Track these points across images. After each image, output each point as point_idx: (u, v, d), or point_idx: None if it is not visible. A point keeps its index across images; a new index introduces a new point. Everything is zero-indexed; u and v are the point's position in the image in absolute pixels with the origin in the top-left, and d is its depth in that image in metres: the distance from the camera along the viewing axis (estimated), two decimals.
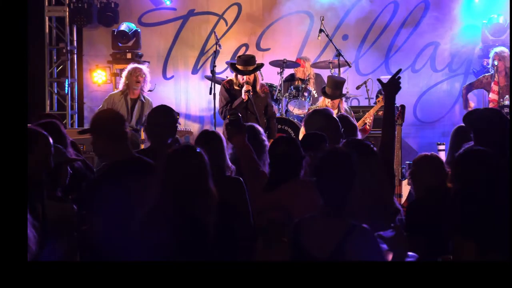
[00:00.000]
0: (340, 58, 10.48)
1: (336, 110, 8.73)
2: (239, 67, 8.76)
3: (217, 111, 9.39)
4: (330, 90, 8.83)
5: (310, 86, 10.54)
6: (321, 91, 9.07)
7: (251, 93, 8.62)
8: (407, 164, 9.38)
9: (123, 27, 11.50)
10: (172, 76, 12.24)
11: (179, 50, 12.22)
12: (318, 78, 11.14)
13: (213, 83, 9.97)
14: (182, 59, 12.23)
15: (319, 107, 8.81)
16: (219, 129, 9.61)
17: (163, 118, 5.41)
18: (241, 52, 11.83)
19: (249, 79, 8.70)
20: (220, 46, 10.65)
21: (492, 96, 9.89)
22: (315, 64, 11.23)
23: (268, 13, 12.08)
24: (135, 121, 9.39)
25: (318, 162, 3.78)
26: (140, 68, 9.46)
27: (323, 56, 11.75)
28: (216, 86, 9.82)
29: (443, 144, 10.03)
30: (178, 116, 5.58)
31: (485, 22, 11.35)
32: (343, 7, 11.82)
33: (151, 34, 12.06)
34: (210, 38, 11.95)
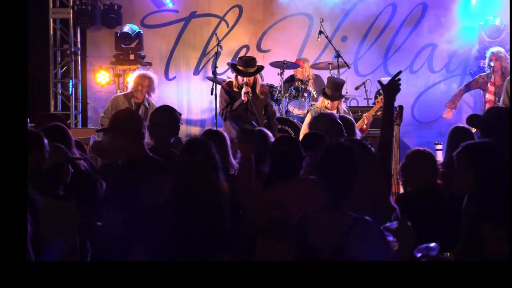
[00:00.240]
0: (339, 59, 10.46)
1: (335, 110, 8.72)
2: (239, 67, 8.75)
3: (218, 112, 9.37)
4: (330, 91, 8.81)
5: (310, 87, 10.53)
6: (321, 92, 9.06)
7: (251, 94, 8.60)
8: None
9: (126, 28, 11.50)
10: (174, 77, 12.24)
11: (181, 51, 12.22)
12: (318, 79, 11.13)
13: (214, 83, 9.98)
14: (184, 60, 12.22)
15: (319, 108, 8.81)
16: (220, 129, 9.65)
17: (166, 118, 5.43)
18: (242, 53, 11.82)
19: (248, 80, 8.68)
20: (221, 48, 10.64)
21: (489, 97, 9.87)
22: (315, 65, 11.22)
23: (269, 15, 12.08)
24: None
25: (322, 156, 3.79)
26: (144, 78, 9.20)
27: (323, 57, 11.74)
28: (218, 86, 9.82)
29: (440, 144, 10.05)
30: (180, 116, 5.59)
31: (481, 24, 11.33)
32: (343, 9, 11.82)
33: (153, 36, 12.06)
34: (212, 40, 11.94)
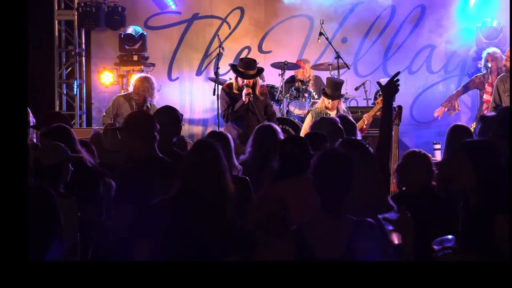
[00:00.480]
0: (339, 60, 10.43)
1: (335, 110, 8.71)
2: (240, 69, 8.72)
3: (220, 112, 9.35)
4: (330, 90, 8.80)
5: (310, 87, 10.51)
6: (321, 92, 9.04)
7: (252, 95, 8.58)
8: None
9: (130, 30, 11.48)
10: (177, 78, 12.23)
11: (184, 53, 12.20)
12: (318, 80, 11.12)
13: (216, 84, 9.96)
14: (187, 61, 12.21)
15: (320, 108, 8.80)
16: (222, 129, 9.63)
17: (168, 118, 5.42)
18: (243, 54, 11.80)
19: (249, 82, 8.65)
20: (223, 49, 10.61)
21: (486, 97, 9.84)
22: (315, 66, 11.20)
23: (270, 16, 12.07)
24: None
25: (317, 163, 3.73)
26: (143, 82, 9.19)
27: (323, 58, 11.72)
28: (220, 87, 9.80)
29: (438, 144, 10.04)
30: (182, 117, 5.59)
31: (479, 25, 11.34)
32: (343, 11, 11.81)
33: (156, 37, 12.04)
34: (214, 41, 11.94)
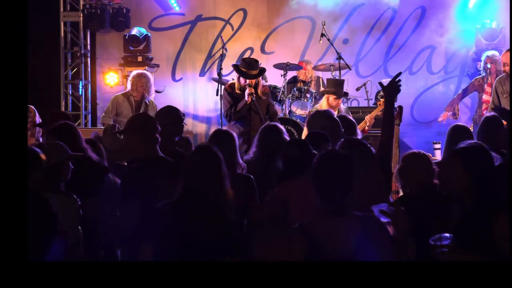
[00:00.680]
0: (341, 61, 10.41)
1: (336, 110, 8.69)
2: (242, 69, 8.70)
3: (223, 112, 9.34)
4: (334, 89, 8.81)
5: (312, 88, 10.50)
6: (326, 92, 8.98)
7: (254, 95, 8.56)
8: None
9: (134, 31, 11.47)
10: (181, 78, 12.21)
11: (187, 54, 12.19)
12: (320, 80, 11.11)
13: (219, 84, 9.93)
14: (190, 62, 12.20)
15: (321, 108, 8.78)
16: (224, 128, 9.60)
17: (170, 118, 5.45)
18: (246, 55, 11.74)
19: (251, 82, 8.63)
20: (226, 50, 10.60)
21: (485, 97, 9.83)
22: (317, 67, 11.19)
23: (272, 18, 12.05)
24: None
25: (316, 163, 3.71)
26: (140, 78, 9.24)
27: (325, 59, 11.69)
28: (223, 87, 9.79)
29: (438, 143, 10.02)
30: (184, 117, 5.59)
31: (478, 27, 11.32)
32: (344, 12, 11.79)
33: (160, 38, 12.03)
34: (217, 42, 11.91)
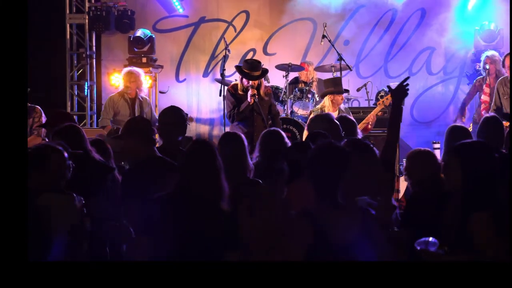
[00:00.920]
0: (342, 62, 10.39)
1: (337, 111, 8.68)
2: (245, 70, 8.67)
3: (226, 113, 9.33)
4: (333, 88, 8.80)
5: (314, 89, 10.48)
6: (327, 92, 8.96)
7: (257, 96, 8.54)
8: (404, 161, 9.31)
9: (139, 33, 11.45)
10: (184, 79, 12.20)
11: (191, 55, 12.18)
12: (321, 81, 11.07)
13: (222, 85, 9.94)
14: (194, 63, 12.18)
15: (322, 107, 8.76)
16: (228, 128, 9.61)
17: (173, 118, 5.44)
18: (249, 56, 11.75)
19: (254, 83, 8.61)
20: (229, 51, 10.59)
21: (484, 98, 9.80)
22: (318, 68, 11.18)
23: (275, 20, 12.03)
24: None
25: (310, 155, 3.74)
26: (131, 73, 9.22)
27: (326, 60, 11.67)
28: (226, 88, 9.79)
29: (438, 143, 9.98)
30: (187, 116, 5.57)
31: (477, 28, 11.31)
32: (345, 14, 11.77)
33: (165, 40, 12.01)
34: (220, 44, 11.91)
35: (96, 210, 4.70)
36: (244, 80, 8.65)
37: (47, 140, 7.11)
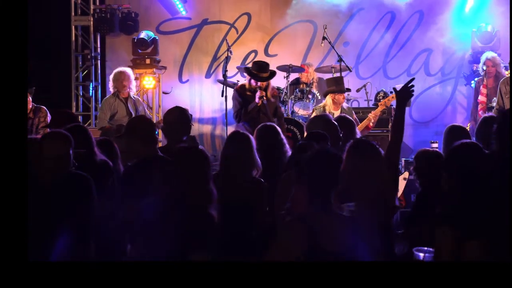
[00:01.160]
0: (342, 63, 10.38)
1: (338, 110, 8.68)
2: (254, 71, 8.66)
3: (229, 112, 9.32)
4: (335, 87, 8.78)
5: (314, 89, 10.48)
6: (329, 91, 8.94)
7: (265, 98, 8.53)
8: (403, 160, 9.32)
9: (143, 35, 11.46)
10: (187, 80, 12.20)
11: (194, 56, 12.18)
12: (321, 82, 11.08)
13: (224, 86, 9.93)
14: (197, 64, 12.18)
15: (324, 106, 8.76)
16: (230, 128, 9.61)
17: (177, 118, 5.43)
18: (250, 58, 11.77)
19: (262, 84, 8.60)
20: (231, 53, 10.59)
21: (481, 98, 9.80)
22: (318, 69, 11.17)
23: (276, 22, 12.02)
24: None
25: (303, 161, 3.71)
26: (120, 74, 9.17)
27: (326, 61, 11.66)
28: (228, 89, 9.79)
29: (436, 143, 9.96)
30: (191, 117, 5.57)
31: (474, 30, 11.32)
32: (345, 16, 11.78)
33: (168, 42, 12.01)
34: (222, 45, 11.91)
35: (97, 209, 4.70)
36: (252, 81, 8.64)
37: None
